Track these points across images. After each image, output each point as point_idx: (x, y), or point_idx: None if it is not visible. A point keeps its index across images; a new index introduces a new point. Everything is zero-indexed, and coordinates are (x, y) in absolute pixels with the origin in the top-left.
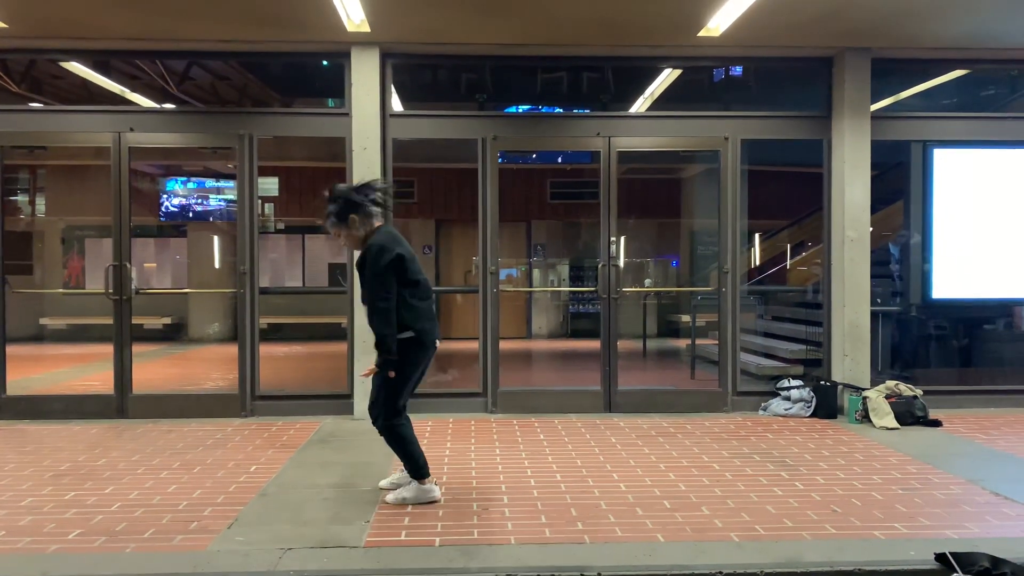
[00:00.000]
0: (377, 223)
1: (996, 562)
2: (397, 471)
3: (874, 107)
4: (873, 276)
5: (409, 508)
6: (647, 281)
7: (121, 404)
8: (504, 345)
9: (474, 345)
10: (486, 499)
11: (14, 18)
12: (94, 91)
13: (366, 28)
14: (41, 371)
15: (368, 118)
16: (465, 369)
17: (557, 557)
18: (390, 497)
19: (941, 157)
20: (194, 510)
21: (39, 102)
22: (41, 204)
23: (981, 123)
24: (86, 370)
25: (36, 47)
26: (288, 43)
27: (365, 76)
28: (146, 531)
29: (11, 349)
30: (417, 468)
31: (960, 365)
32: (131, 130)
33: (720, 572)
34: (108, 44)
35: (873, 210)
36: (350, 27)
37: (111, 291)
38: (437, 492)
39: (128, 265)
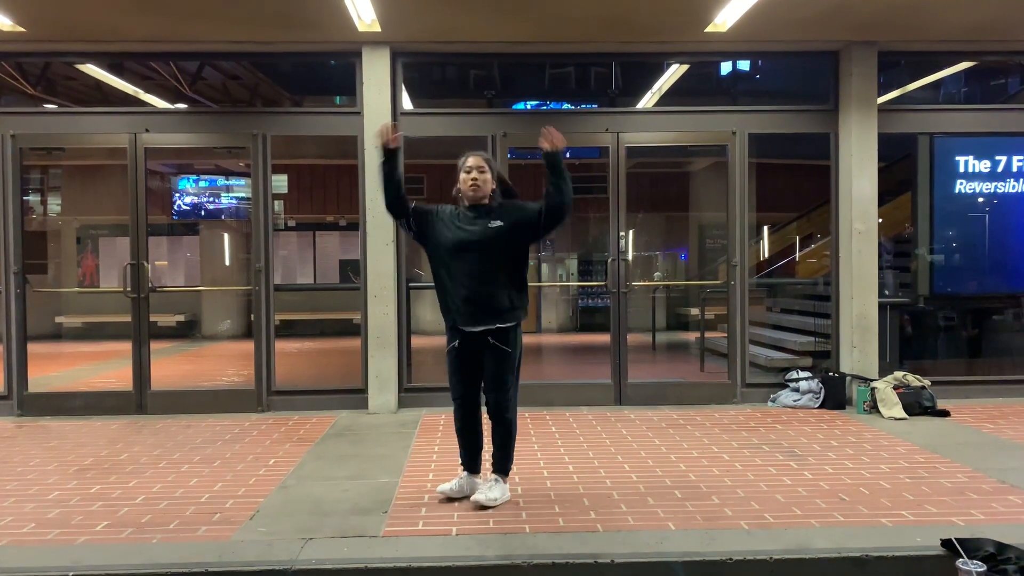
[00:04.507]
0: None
1: (1001, 548)
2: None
3: (881, 100)
4: (887, 268)
5: (425, 498)
6: (657, 275)
7: (140, 400)
8: None
9: None
10: None
11: (32, 22)
12: (107, 92)
13: (377, 28)
14: (59, 368)
15: (379, 116)
16: None
17: (571, 545)
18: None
19: (947, 148)
20: (216, 502)
21: (54, 104)
22: (55, 204)
23: (988, 114)
24: (103, 367)
25: (53, 50)
26: (300, 43)
27: (376, 75)
28: (171, 522)
29: (30, 347)
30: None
31: (968, 356)
32: (147, 131)
33: (730, 559)
34: (123, 46)
35: (881, 202)
36: (361, 27)
37: (129, 289)
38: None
39: (145, 264)
